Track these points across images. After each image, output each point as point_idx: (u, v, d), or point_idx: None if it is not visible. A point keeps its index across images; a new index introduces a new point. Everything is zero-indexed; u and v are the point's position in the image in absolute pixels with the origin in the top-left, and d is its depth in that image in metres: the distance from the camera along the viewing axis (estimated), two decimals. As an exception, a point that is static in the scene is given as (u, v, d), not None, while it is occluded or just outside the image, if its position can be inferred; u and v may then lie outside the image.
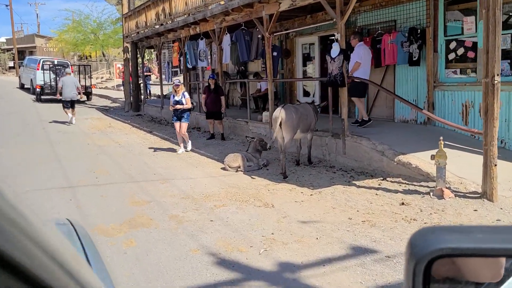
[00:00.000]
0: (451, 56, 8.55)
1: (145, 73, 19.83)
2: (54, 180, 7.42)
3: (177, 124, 9.95)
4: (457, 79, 8.47)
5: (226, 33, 11.71)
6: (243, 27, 11.03)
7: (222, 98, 11.36)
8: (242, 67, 15.11)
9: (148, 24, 15.89)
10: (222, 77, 12.33)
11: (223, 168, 8.33)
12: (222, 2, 11.21)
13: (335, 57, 7.80)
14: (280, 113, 7.27)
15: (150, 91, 21.61)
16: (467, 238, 0.75)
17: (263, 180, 7.39)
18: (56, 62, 23.47)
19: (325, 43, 12.69)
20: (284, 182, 7.21)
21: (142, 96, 19.87)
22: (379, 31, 9.72)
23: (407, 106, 9.50)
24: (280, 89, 13.62)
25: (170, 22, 13.95)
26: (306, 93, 13.05)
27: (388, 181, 6.89)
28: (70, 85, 14.20)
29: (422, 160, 6.88)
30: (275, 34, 11.63)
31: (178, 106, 9.81)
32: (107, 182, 7.24)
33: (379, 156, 7.42)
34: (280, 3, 9.16)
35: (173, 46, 15.19)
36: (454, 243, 0.74)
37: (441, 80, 8.72)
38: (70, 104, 14.34)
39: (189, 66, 14.24)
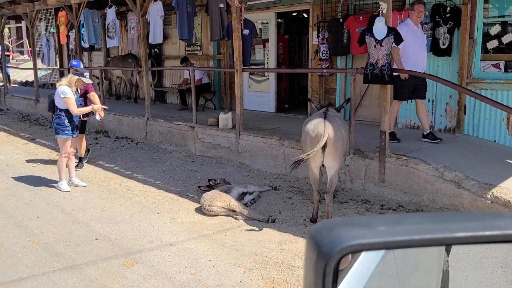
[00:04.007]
0: (492, 44, 6.52)
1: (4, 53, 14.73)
2: None
3: (69, 141, 5.91)
4: (501, 74, 6.47)
5: None
6: (186, -8, 7.68)
7: (95, 97, 6.54)
8: (156, 49, 11.55)
9: (14, -17, 11.23)
10: (146, 63, 8.76)
11: (199, 210, 5.18)
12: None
13: (382, 40, 5.14)
14: (326, 128, 4.36)
15: (9, 77, 16.37)
16: (372, 233, 0.75)
17: (292, 238, 4.44)
18: None
19: (279, 23, 9.98)
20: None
21: (1, 84, 14.79)
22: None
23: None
24: (215, 80, 10.49)
25: (56, -20, 9.74)
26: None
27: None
28: None
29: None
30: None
31: (96, 107, 6.16)
32: (12, 278, 3.56)
33: (453, 189, 5.02)
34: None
35: (58, 16, 10.88)
36: (361, 238, 0.73)
37: (476, 76, 6.66)
38: None
39: (85, 45, 10.22)
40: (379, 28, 5.15)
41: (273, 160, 6.81)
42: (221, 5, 7.25)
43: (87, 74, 5.90)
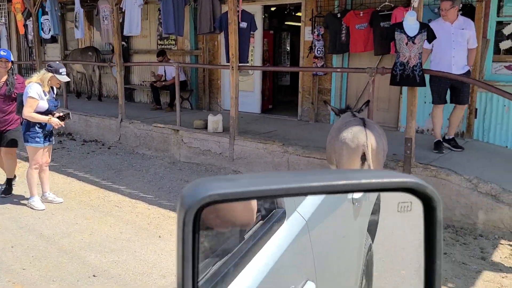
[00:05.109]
0: (505, 45, 6.18)
1: None
2: None
3: (41, 151, 4.92)
4: (516, 77, 6.14)
5: (133, -13, 7.28)
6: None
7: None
8: (123, 42, 10.49)
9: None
10: (120, 57, 7.79)
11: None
12: None
13: (415, 36, 4.59)
14: (368, 138, 3.74)
15: None
16: (233, 184, 0.77)
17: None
18: None
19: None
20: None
21: None
22: (386, 3, 6.80)
23: (420, 112, 6.89)
24: (193, 77, 9.65)
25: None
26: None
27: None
28: None
29: None
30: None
31: (53, 121, 4.81)
32: None
33: (490, 202, 4.57)
34: None
35: (12, 3, 9.58)
36: (221, 189, 0.74)
37: (487, 78, 6.30)
38: None
39: (46, 36, 9.07)
40: (411, 23, 4.61)
41: (274, 169, 6.13)
42: (215, -6, 6.47)
43: (63, 70, 4.90)
